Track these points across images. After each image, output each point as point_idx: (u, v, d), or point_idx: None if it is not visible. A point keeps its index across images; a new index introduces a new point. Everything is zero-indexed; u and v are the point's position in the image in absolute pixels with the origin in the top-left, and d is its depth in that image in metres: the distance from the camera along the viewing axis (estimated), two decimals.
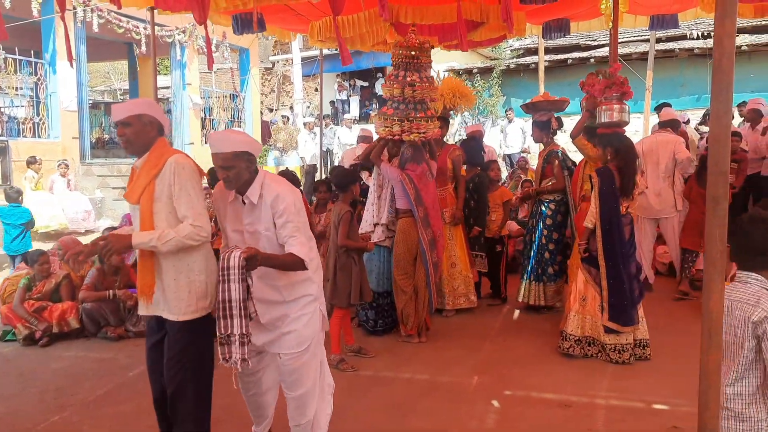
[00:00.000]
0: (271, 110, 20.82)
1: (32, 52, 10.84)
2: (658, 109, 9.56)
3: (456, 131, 14.41)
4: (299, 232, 2.94)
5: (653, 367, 4.52)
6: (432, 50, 8.27)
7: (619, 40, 7.53)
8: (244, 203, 3.00)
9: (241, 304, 2.79)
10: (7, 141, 10.06)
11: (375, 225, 5.33)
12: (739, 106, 10.12)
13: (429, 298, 5.17)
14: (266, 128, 17.06)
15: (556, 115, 5.89)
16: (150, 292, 2.99)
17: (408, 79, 5.22)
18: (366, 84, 20.11)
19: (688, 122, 9.88)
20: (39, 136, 10.83)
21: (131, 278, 5.81)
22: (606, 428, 3.63)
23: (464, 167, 6.20)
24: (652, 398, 3.97)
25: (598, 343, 4.65)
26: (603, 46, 15.23)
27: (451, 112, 6.42)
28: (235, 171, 2.91)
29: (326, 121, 14.65)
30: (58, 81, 11.04)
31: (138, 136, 3.00)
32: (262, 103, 19.19)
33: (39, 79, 10.93)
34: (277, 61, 21.16)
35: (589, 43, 16.06)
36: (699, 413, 1.84)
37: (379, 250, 5.30)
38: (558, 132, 6.00)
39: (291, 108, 19.22)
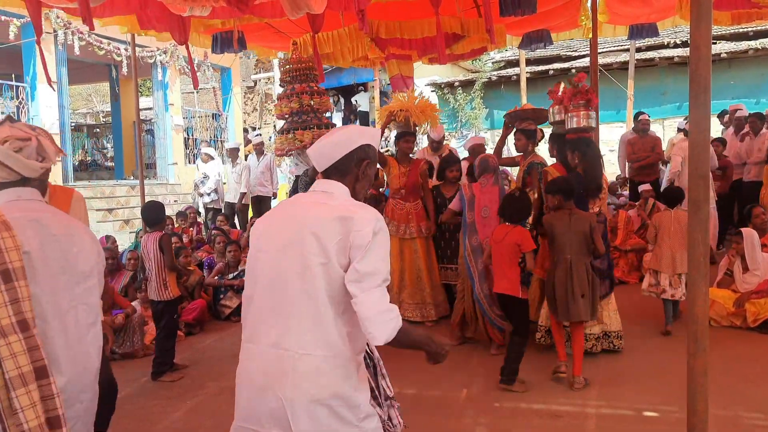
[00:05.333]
0: (253, 128, 20.77)
1: (13, 75, 10.77)
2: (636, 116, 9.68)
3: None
4: None
5: (642, 374, 4.52)
6: (415, 63, 8.37)
7: (600, 50, 7.63)
8: None
9: None
10: None
11: None
12: (719, 115, 10.22)
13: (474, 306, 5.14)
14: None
15: (538, 126, 5.94)
16: None
17: (296, 88, 5.27)
18: (352, 99, 20.17)
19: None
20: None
21: (116, 301, 5.74)
22: None
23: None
24: (642, 406, 3.96)
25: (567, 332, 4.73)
26: (584, 56, 15.37)
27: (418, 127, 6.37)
28: None
29: None
30: (39, 104, 10.97)
31: None
32: (245, 121, 19.16)
33: (20, 103, 10.84)
34: (259, 80, 21.16)
35: (570, 53, 16.22)
36: (688, 417, 1.83)
37: None
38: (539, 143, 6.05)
39: (274, 126, 19.21)
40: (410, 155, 6.07)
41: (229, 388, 4.66)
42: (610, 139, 13.78)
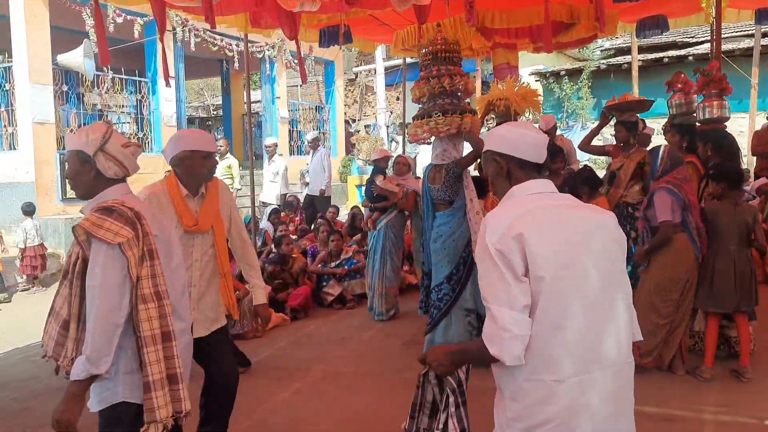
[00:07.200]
0: (353, 120, 21.12)
1: (136, 71, 11.55)
2: None
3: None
4: None
5: (764, 380, 4.22)
6: (519, 53, 8.18)
7: (723, 35, 7.13)
8: None
9: None
10: None
11: None
12: None
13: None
14: (350, 138, 17.33)
15: (640, 116, 5.67)
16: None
17: (434, 72, 4.81)
18: None
19: None
20: (143, 151, 11.45)
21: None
22: None
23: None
24: (765, 414, 3.70)
25: (722, 336, 4.54)
26: (702, 42, 14.46)
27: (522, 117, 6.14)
28: None
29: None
30: (159, 98, 11.71)
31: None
32: (345, 113, 19.52)
33: (143, 97, 11.63)
34: (360, 72, 21.46)
35: (687, 40, 15.29)
36: None
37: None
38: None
39: (375, 118, 19.44)
40: None
41: (333, 372, 4.84)
42: (731, 130, 12.87)
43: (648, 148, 5.30)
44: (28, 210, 8.63)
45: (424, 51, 5.00)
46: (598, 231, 1.85)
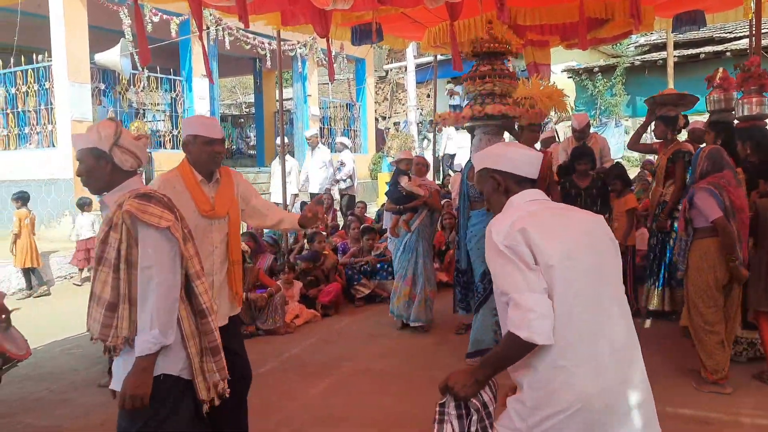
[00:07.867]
0: (384, 118, 21.11)
1: (171, 70, 11.73)
2: None
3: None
4: None
5: None
6: (552, 49, 8.09)
7: (762, 30, 6.95)
8: None
9: None
10: (151, 153, 10.90)
11: None
12: None
13: None
14: (380, 136, 17.29)
15: (682, 113, 5.58)
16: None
17: (479, 70, 4.89)
18: None
19: None
20: (177, 148, 11.66)
21: (261, 280, 6.11)
22: None
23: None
24: None
25: (750, 340, 4.51)
26: (740, 38, 14.08)
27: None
28: None
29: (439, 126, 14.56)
30: (194, 96, 11.88)
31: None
32: (375, 111, 19.52)
33: (177, 95, 11.81)
34: (391, 69, 21.45)
35: (725, 35, 14.91)
36: None
37: None
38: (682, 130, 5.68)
39: (406, 115, 19.41)
40: (535, 146, 5.83)
41: (362, 369, 4.87)
42: None
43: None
44: (82, 204, 8.83)
45: (474, 48, 5.06)
46: (596, 229, 2.02)
